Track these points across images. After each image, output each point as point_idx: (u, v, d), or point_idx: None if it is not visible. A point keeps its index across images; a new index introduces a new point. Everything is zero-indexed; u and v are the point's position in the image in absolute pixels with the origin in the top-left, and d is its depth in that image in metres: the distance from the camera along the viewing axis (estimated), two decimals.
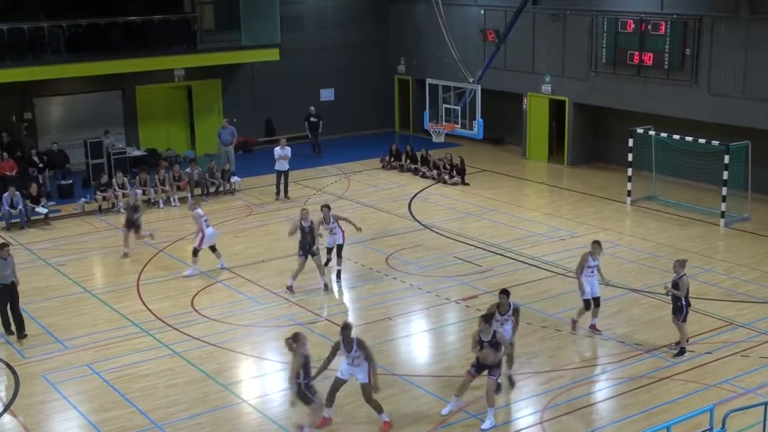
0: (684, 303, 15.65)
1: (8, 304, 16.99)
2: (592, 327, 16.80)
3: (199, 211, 20.22)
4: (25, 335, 17.02)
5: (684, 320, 15.75)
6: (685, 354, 15.79)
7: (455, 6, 31.21)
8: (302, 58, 33.59)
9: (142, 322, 17.75)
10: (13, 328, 17.06)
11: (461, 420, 13.80)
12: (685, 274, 15.64)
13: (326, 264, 19.92)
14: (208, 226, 20.23)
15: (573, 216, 24.43)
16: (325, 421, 13.61)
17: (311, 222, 18.93)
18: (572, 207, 25.41)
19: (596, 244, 16.65)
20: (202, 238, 20.11)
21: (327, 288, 19.13)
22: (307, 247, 18.89)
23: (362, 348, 13.35)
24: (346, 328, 13.42)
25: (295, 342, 12.81)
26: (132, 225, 21.69)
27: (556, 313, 17.72)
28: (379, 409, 13.53)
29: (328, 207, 19.54)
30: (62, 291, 19.47)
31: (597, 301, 16.69)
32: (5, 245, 17.00)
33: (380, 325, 17.45)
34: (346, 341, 13.33)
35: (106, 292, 19.53)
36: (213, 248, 20.42)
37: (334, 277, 19.79)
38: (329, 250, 19.90)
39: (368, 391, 13.42)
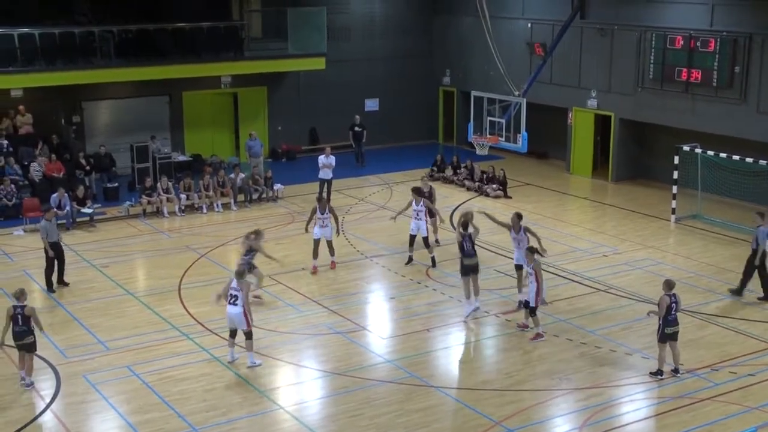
0: (660, 323, 15.37)
1: (56, 259, 19.77)
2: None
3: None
4: (67, 284, 19.80)
5: (660, 340, 15.46)
6: (679, 373, 15.59)
7: (502, 19, 31.11)
8: (348, 67, 33.73)
9: (182, 325, 17.89)
10: (55, 286, 19.66)
11: None
12: (666, 294, 15.33)
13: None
14: None
15: (616, 232, 24.22)
16: (315, 270, 20.62)
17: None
18: (615, 223, 25.19)
19: (516, 216, 18.84)
20: None
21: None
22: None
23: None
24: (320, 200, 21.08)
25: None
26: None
27: (597, 329, 17.56)
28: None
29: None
30: (105, 292, 19.69)
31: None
32: (49, 209, 20.94)
33: (419, 337, 17.41)
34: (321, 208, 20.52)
35: (148, 294, 19.71)
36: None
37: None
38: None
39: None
